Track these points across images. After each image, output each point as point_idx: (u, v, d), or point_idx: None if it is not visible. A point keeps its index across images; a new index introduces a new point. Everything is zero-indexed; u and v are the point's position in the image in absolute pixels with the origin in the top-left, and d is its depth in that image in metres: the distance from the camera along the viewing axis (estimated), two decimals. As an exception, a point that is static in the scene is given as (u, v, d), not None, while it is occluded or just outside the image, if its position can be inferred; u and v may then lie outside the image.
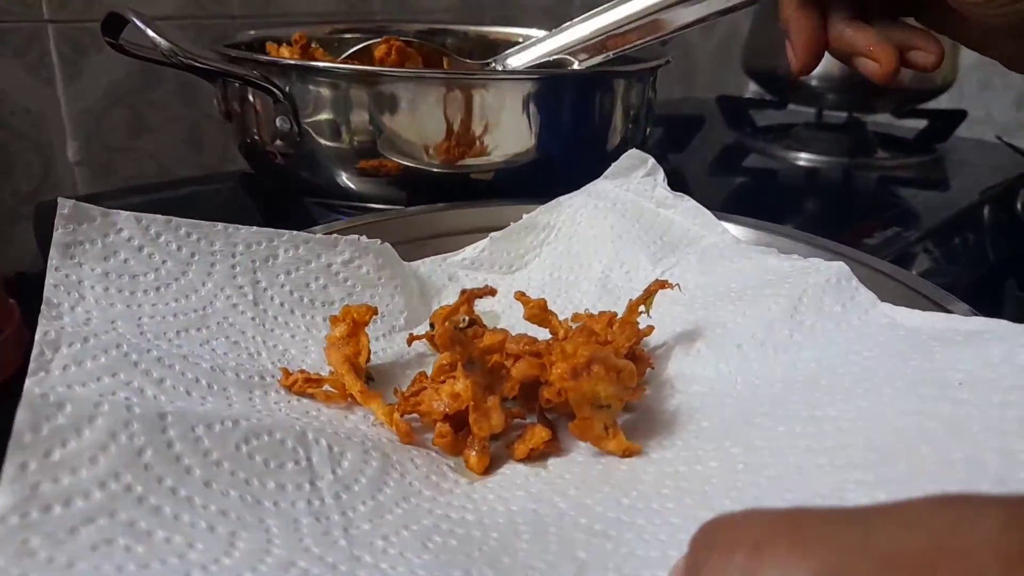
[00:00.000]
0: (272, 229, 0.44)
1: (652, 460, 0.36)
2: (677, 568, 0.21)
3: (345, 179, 0.63)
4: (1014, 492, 0.27)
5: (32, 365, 0.30)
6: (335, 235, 0.46)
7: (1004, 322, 0.37)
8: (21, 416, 0.25)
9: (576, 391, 0.35)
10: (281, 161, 0.65)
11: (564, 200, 0.56)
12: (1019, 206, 1.06)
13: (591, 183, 0.58)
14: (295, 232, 0.45)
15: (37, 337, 0.32)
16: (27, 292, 0.59)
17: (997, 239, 1.03)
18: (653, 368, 0.42)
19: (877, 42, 0.46)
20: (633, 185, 0.56)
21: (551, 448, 0.37)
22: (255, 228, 0.43)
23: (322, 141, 0.61)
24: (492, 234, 0.55)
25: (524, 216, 0.56)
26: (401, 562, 0.29)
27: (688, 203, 0.55)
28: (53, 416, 0.26)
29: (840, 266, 0.44)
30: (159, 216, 0.41)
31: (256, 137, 0.65)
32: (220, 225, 0.43)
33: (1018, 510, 0.17)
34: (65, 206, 0.38)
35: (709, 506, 0.32)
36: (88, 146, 0.83)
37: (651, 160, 0.58)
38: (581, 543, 0.30)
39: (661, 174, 0.57)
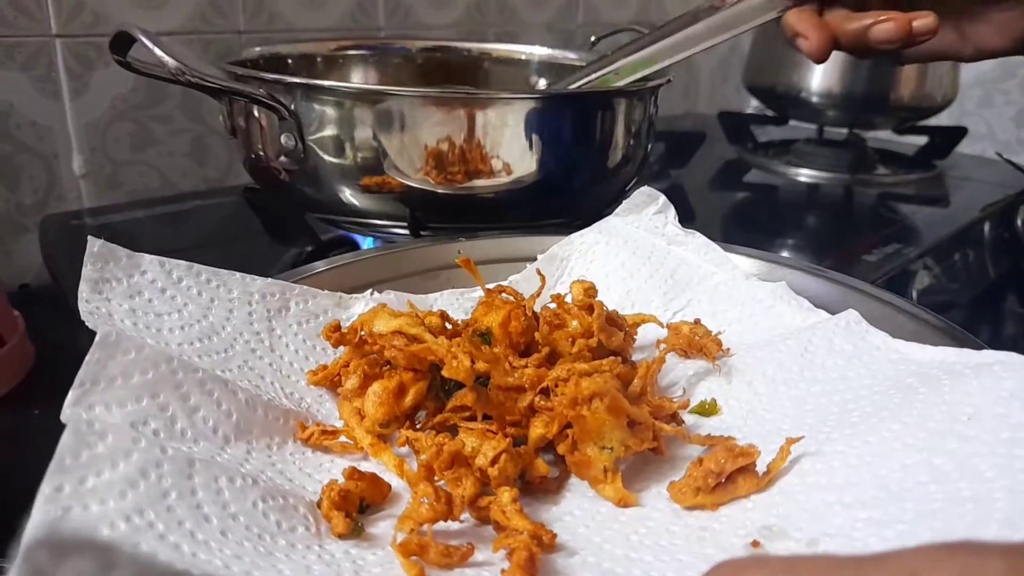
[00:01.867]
0: (284, 282, 0.46)
1: (662, 496, 0.36)
2: None
3: (348, 195, 0.64)
4: (1022, 532, 0.27)
5: (82, 372, 0.32)
6: (340, 294, 0.48)
7: (1014, 355, 0.37)
8: (65, 440, 0.27)
9: (580, 425, 0.35)
10: (285, 177, 0.65)
11: (576, 237, 0.57)
12: (1019, 222, 1.06)
13: (603, 220, 0.58)
14: (305, 287, 0.47)
15: (96, 340, 0.33)
16: (31, 304, 0.59)
17: (997, 255, 1.03)
18: (681, 431, 0.40)
19: (882, 12, 0.50)
20: (644, 222, 0.57)
21: (550, 485, 0.37)
22: (269, 280, 0.46)
23: (326, 158, 0.62)
24: (512, 277, 0.56)
25: (539, 257, 0.56)
26: None
27: (699, 240, 0.55)
28: (94, 444, 0.28)
29: (850, 312, 0.45)
30: (181, 262, 0.44)
31: (261, 153, 0.65)
32: (237, 274, 0.45)
33: (1017, 560, 0.17)
34: (95, 244, 0.41)
35: (718, 544, 0.32)
36: (93, 159, 0.84)
37: (662, 197, 0.59)
38: None
39: (672, 211, 0.58)
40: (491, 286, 0.46)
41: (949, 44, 0.55)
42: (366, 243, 0.70)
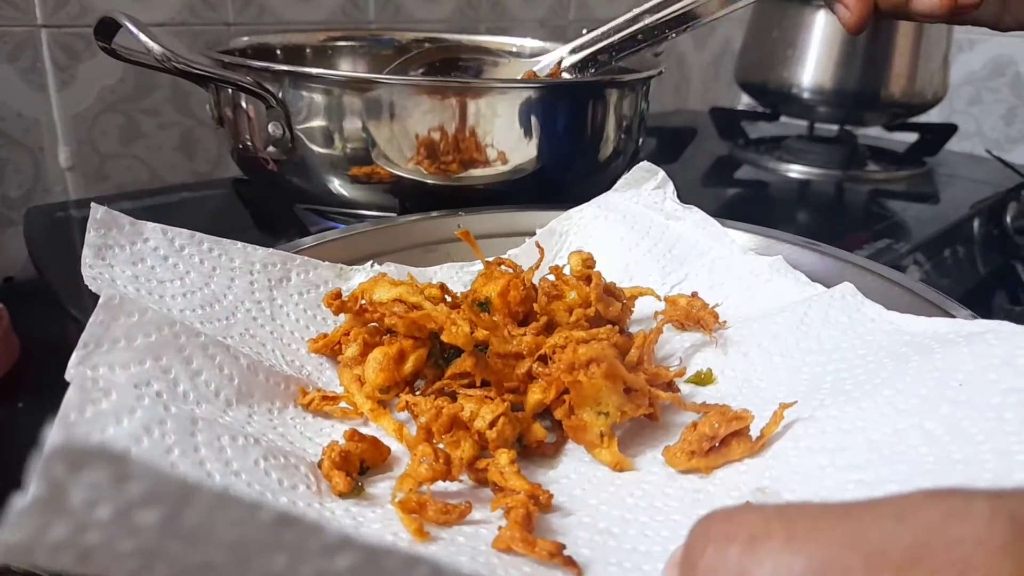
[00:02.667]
0: (285, 252, 0.47)
1: (657, 460, 0.36)
2: (674, 559, 0.22)
3: (337, 186, 0.63)
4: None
5: (86, 333, 0.32)
6: (340, 265, 0.49)
7: (1006, 324, 0.37)
8: (70, 396, 0.27)
9: (576, 390, 0.35)
10: (273, 167, 0.65)
11: (575, 212, 0.57)
12: (1009, 220, 1.06)
13: (602, 195, 0.58)
14: (306, 258, 0.47)
15: (100, 302, 0.33)
16: (16, 298, 0.59)
17: (987, 252, 1.03)
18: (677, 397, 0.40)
19: None
20: (643, 197, 0.57)
21: (547, 450, 0.37)
22: (271, 250, 0.46)
23: (314, 147, 0.61)
24: (511, 251, 0.56)
25: (537, 231, 0.57)
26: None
27: (697, 215, 0.55)
28: (98, 401, 0.28)
29: (845, 284, 0.45)
30: (183, 230, 0.44)
31: (248, 143, 0.65)
32: (239, 244, 0.45)
33: (1003, 502, 0.17)
34: (98, 211, 0.41)
35: (711, 505, 0.32)
36: (80, 152, 0.83)
37: (661, 173, 0.59)
38: (584, 541, 0.31)
39: (671, 186, 0.58)
40: (490, 259, 0.46)
41: (990, 14, 0.54)
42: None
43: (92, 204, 0.41)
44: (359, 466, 0.34)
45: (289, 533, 0.15)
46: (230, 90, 0.63)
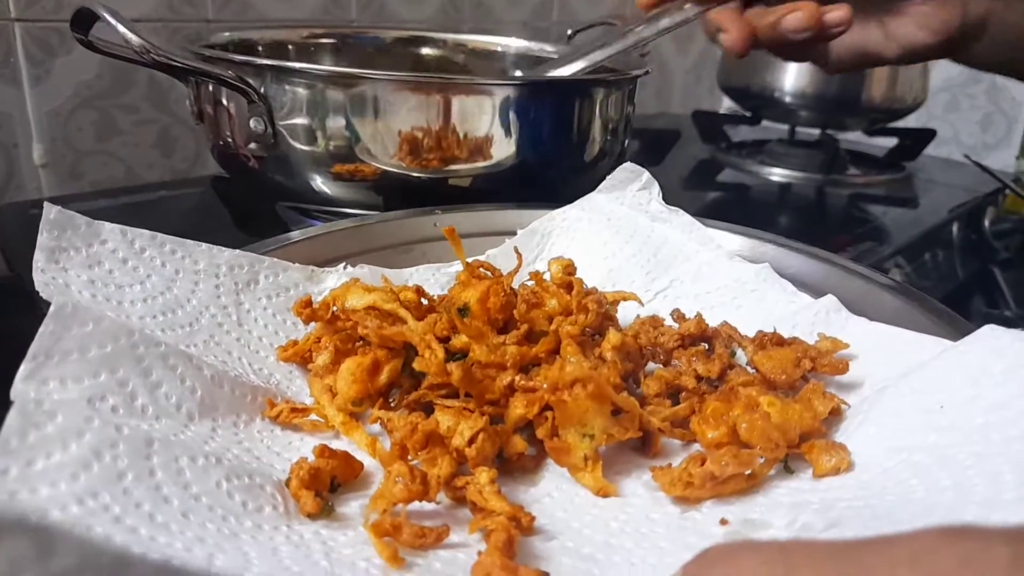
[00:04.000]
0: (253, 254, 0.45)
1: (643, 479, 0.35)
2: None
3: (320, 183, 0.62)
4: (999, 512, 0.27)
5: (35, 344, 0.30)
6: (312, 267, 0.47)
7: (980, 332, 0.37)
8: (11, 420, 0.25)
9: (560, 409, 0.34)
10: (254, 164, 0.63)
11: (558, 213, 0.56)
12: (987, 224, 1.07)
13: (586, 196, 0.57)
14: (275, 260, 0.45)
15: (50, 311, 0.31)
16: (-13, 295, 0.57)
17: (966, 256, 1.04)
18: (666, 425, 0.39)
19: (795, 4, 0.53)
20: (628, 199, 0.56)
21: (527, 463, 0.36)
22: (237, 251, 0.44)
23: (296, 144, 0.60)
24: (489, 251, 0.54)
25: (519, 232, 0.55)
26: None
27: (683, 217, 0.55)
28: (43, 425, 0.26)
29: (829, 298, 0.45)
30: (144, 231, 0.42)
31: (229, 139, 0.64)
32: (204, 245, 0.43)
33: (1022, 547, 0.16)
34: (51, 211, 0.38)
35: (699, 533, 0.31)
36: (55, 149, 0.81)
37: (646, 173, 0.58)
38: (568, 568, 0.30)
39: (656, 188, 0.57)
40: (471, 260, 0.45)
41: (874, 42, 0.57)
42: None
43: (45, 204, 0.39)
44: (330, 483, 0.33)
45: None
46: (211, 85, 0.62)
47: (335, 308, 0.40)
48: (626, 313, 0.46)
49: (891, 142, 1.24)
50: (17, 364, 0.32)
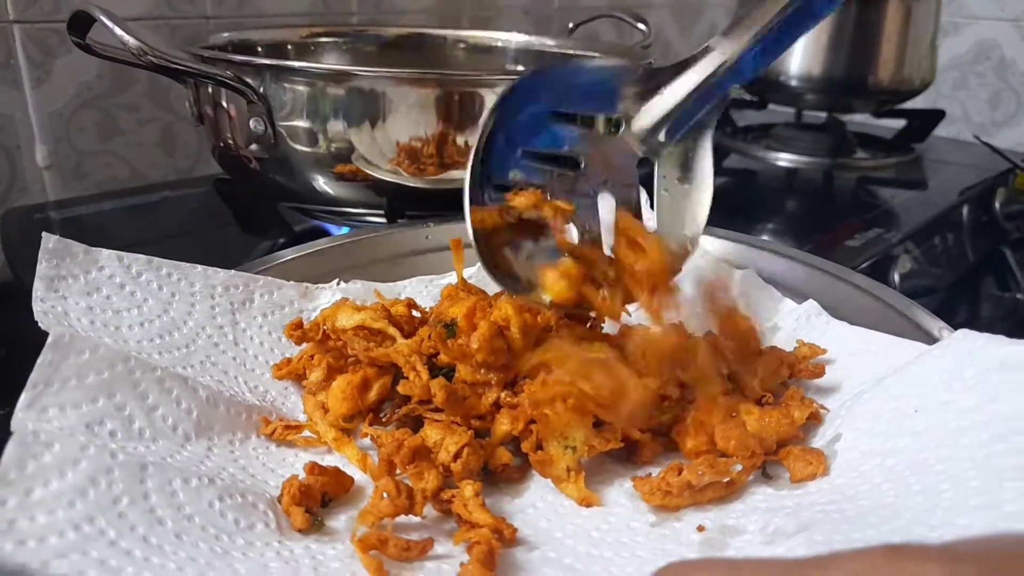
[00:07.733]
0: (248, 274, 0.45)
1: (624, 488, 0.36)
2: None
3: (321, 183, 0.62)
4: (963, 518, 0.28)
5: (34, 374, 0.31)
6: (306, 284, 0.48)
7: (955, 336, 0.37)
8: (10, 451, 0.26)
9: (543, 423, 0.35)
10: (255, 165, 0.63)
11: None
12: (997, 205, 1.06)
13: None
14: (269, 279, 0.46)
15: (48, 342, 0.32)
16: (-8, 301, 0.57)
17: (976, 238, 1.03)
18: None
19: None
20: None
21: (513, 474, 0.37)
22: (232, 272, 0.45)
23: (297, 145, 0.60)
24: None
25: None
26: None
27: None
28: (40, 455, 0.27)
29: (810, 303, 0.46)
30: (140, 256, 0.42)
31: (230, 141, 0.63)
32: (199, 267, 0.44)
33: (957, 568, 0.17)
34: (49, 240, 0.39)
35: (677, 541, 0.32)
36: (57, 150, 0.81)
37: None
38: None
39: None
40: (467, 272, 0.45)
41: None
42: (340, 233, 0.68)
43: (43, 234, 0.39)
44: (320, 499, 0.33)
45: None
46: (210, 87, 0.61)
47: (325, 327, 0.41)
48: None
49: (899, 124, 1.23)
50: (21, 368, 0.33)
